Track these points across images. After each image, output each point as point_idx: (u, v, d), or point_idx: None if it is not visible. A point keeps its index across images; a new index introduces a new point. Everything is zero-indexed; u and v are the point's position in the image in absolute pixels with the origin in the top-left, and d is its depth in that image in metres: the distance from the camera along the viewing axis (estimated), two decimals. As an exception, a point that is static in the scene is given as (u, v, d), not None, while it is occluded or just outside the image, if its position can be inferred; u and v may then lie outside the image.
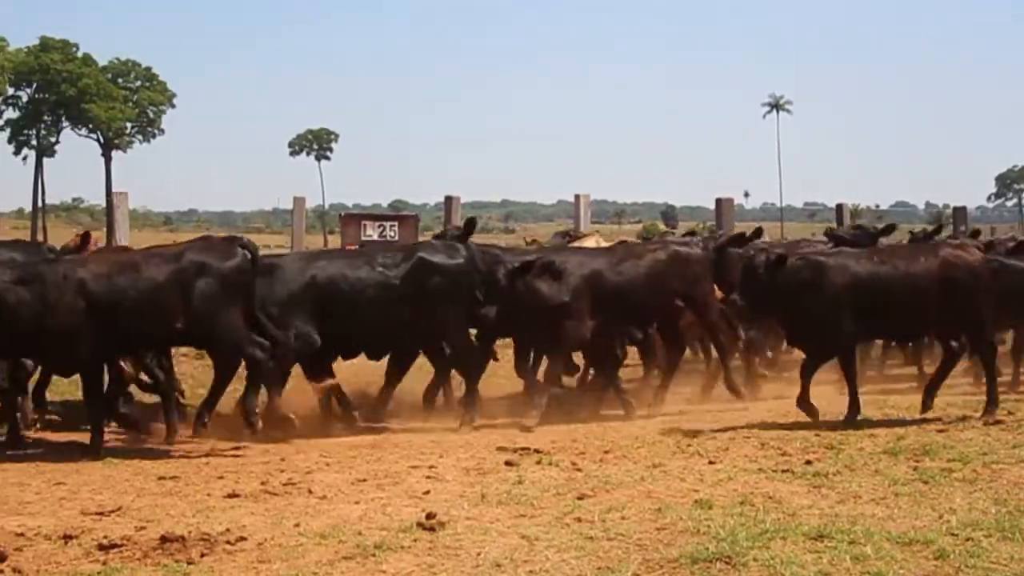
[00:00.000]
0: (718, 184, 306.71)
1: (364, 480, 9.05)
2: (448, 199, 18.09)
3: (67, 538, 7.29)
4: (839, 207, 21.62)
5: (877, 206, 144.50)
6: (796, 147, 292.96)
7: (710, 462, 9.61)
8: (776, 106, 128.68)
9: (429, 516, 7.64)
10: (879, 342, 15.30)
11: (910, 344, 15.07)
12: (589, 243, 14.62)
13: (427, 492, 8.62)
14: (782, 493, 8.38)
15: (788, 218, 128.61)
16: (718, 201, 18.07)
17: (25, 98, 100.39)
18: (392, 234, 16.70)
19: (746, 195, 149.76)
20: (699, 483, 8.81)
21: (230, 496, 8.51)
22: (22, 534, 7.39)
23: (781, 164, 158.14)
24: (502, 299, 11.83)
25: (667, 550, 6.90)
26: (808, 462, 9.43)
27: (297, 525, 7.61)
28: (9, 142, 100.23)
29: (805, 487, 8.61)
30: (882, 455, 9.73)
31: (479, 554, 6.89)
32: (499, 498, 8.32)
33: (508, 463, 9.60)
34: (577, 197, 19.44)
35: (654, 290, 12.52)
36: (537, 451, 10.09)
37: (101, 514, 7.98)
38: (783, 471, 9.16)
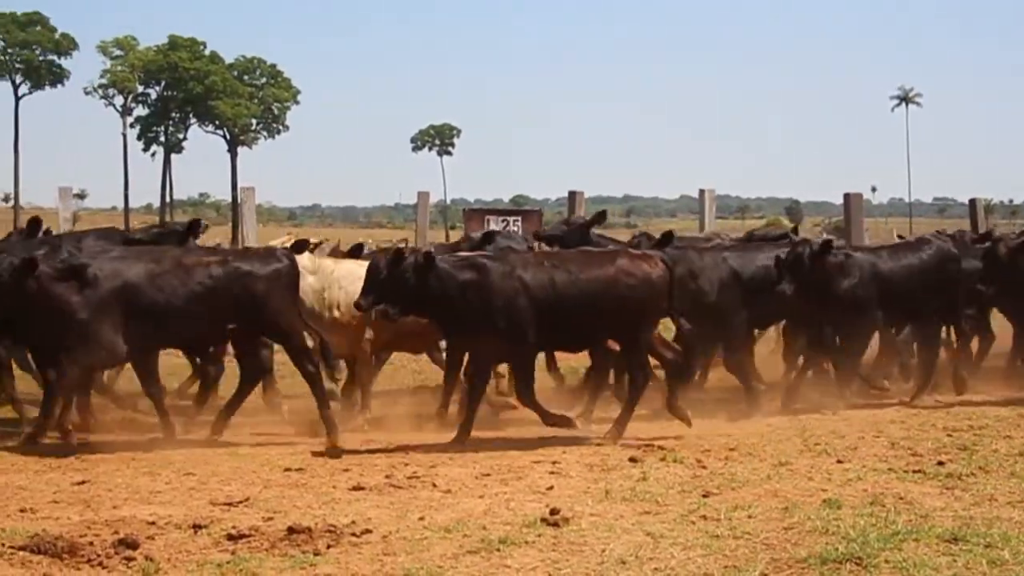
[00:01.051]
0: (844, 179, 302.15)
1: (488, 475, 9.06)
2: (572, 194, 17.99)
3: (197, 527, 7.40)
4: (972, 202, 21.04)
5: (1011, 201, 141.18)
6: (926, 140, 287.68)
7: (838, 461, 9.45)
8: (905, 99, 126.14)
9: (553, 511, 7.62)
10: None
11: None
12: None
13: (551, 487, 8.60)
14: (914, 494, 8.21)
15: (917, 213, 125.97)
16: (846, 196, 17.67)
17: (154, 96, 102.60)
18: (515, 228, 16.67)
19: (873, 190, 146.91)
20: (827, 482, 8.66)
21: (355, 489, 8.57)
22: (153, 523, 7.52)
23: (910, 158, 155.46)
24: None
25: (795, 550, 6.80)
26: (940, 463, 9.23)
27: (422, 518, 7.64)
28: (139, 139, 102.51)
29: (938, 488, 8.43)
30: (1018, 457, 9.49)
31: (603, 551, 6.86)
32: (623, 494, 8.27)
33: (632, 459, 9.53)
34: (702, 192, 19.22)
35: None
36: (661, 448, 10.00)
37: (230, 504, 8.09)
38: (914, 472, 8.98)
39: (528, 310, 10.41)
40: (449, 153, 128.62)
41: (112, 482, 8.76)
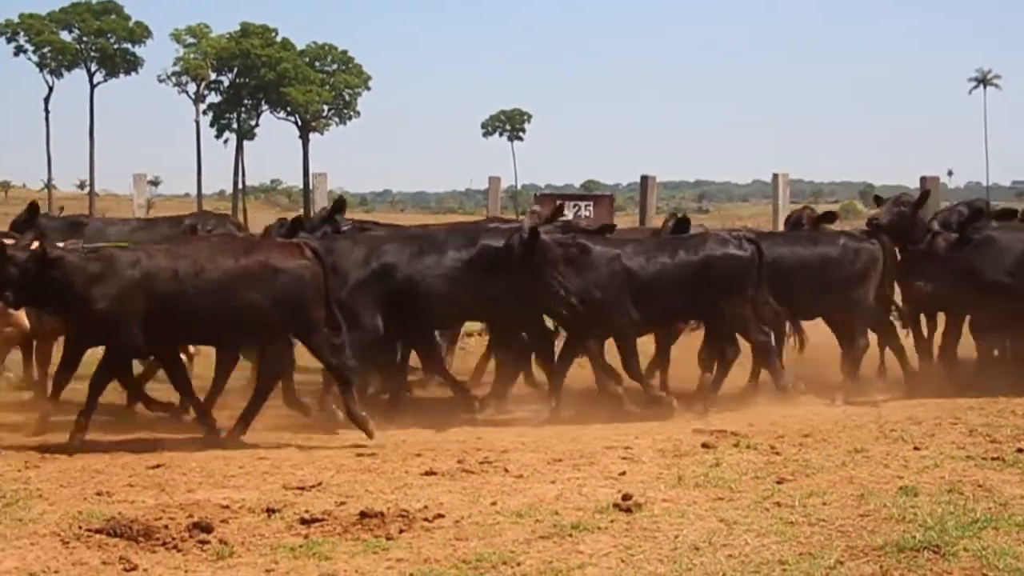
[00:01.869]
0: (920, 162, 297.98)
1: (560, 460, 9.02)
2: (644, 179, 17.92)
3: (270, 511, 7.45)
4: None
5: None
6: (1005, 123, 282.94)
7: (915, 448, 9.32)
8: (983, 81, 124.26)
9: (625, 497, 7.59)
10: None
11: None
12: None
13: (623, 473, 8.55)
14: (993, 482, 8.07)
15: (994, 197, 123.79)
16: (923, 179, 17.44)
17: (226, 83, 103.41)
18: (587, 214, 16.64)
19: (950, 173, 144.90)
20: (904, 469, 8.55)
21: (427, 474, 8.58)
22: (227, 506, 7.57)
23: (988, 141, 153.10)
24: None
25: (871, 537, 6.71)
26: (1020, 450, 9.06)
27: (494, 503, 7.63)
28: (211, 125, 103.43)
29: (1017, 476, 8.29)
30: (1099, 444, 9.31)
31: (676, 536, 6.81)
32: (696, 480, 8.22)
33: (705, 445, 9.47)
34: (775, 176, 19.05)
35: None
36: (734, 434, 9.92)
37: (302, 489, 8.13)
38: (993, 459, 8.83)
39: (140, 304, 9.68)
40: (520, 138, 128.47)
41: (186, 466, 8.84)
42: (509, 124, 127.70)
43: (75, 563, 6.43)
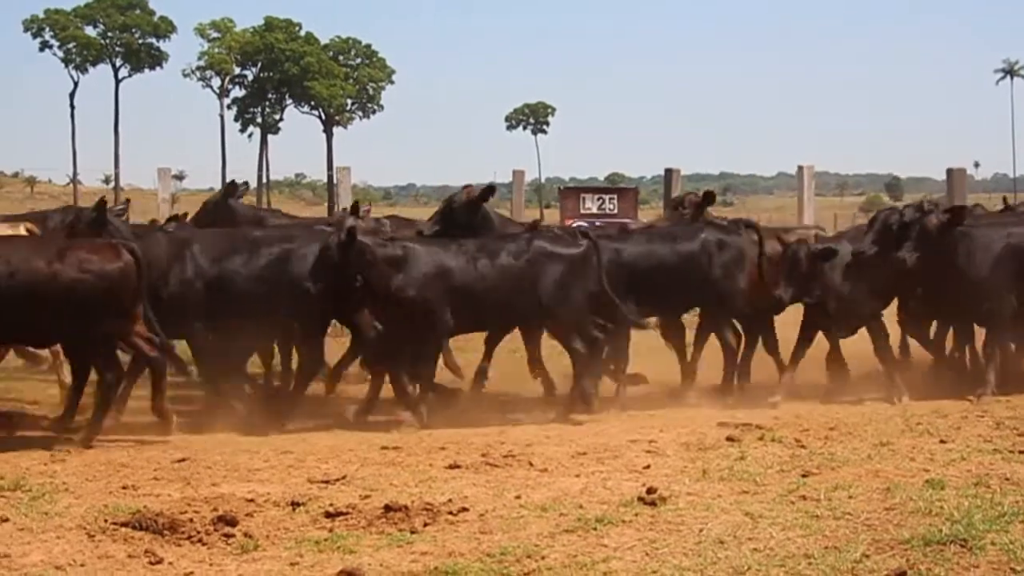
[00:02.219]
0: (946, 154, 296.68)
1: (584, 453, 9.01)
2: (668, 171, 17.86)
3: (295, 505, 7.46)
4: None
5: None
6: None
7: (941, 441, 9.27)
8: (1010, 71, 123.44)
9: (650, 491, 7.57)
10: None
11: None
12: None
13: (647, 467, 8.54)
14: (1020, 475, 8.02)
15: (1021, 189, 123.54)
16: (949, 171, 17.37)
17: (251, 77, 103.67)
18: (611, 207, 16.61)
19: (976, 165, 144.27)
20: (930, 462, 8.51)
21: (452, 467, 8.58)
22: (252, 500, 7.59)
23: (1015, 132, 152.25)
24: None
25: (898, 531, 6.67)
26: (1047, 443, 9.01)
27: (518, 497, 7.62)
28: (236, 120, 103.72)
29: (1045, 469, 8.23)
30: None
31: (701, 530, 6.79)
32: (721, 474, 8.19)
33: (730, 439, 9.44)
34: (800, 168, 18.98)
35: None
36: (759, 427, 9.89)
37: (327, 482, 8.14)
38: (1020, 452, 8.79)
39: None
40: (544, 131, 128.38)
41: (211, 460, 8.86)
42: (533, 117, 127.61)
43: (101, 556, 6.45)
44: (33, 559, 6.36)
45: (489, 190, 11.85)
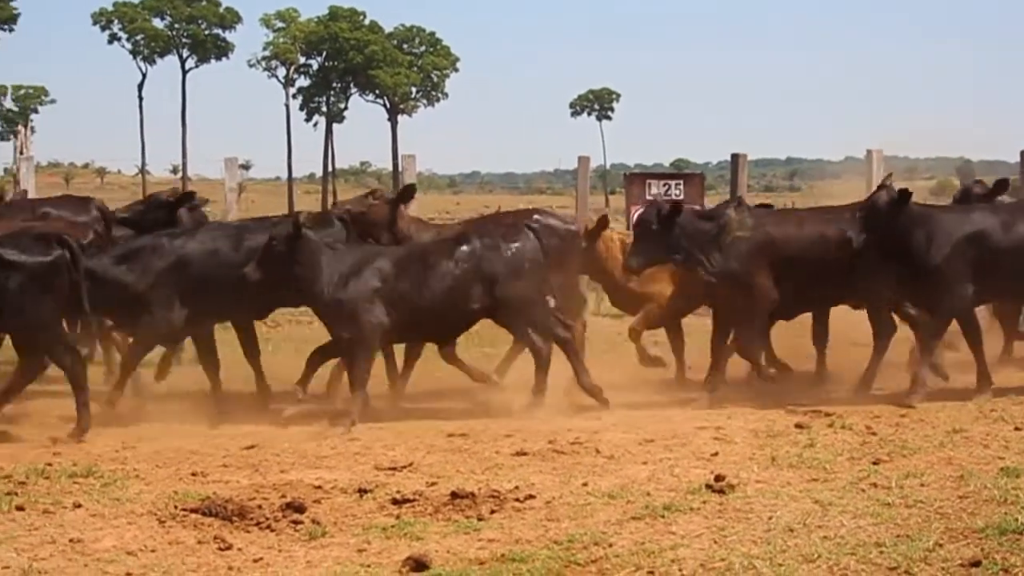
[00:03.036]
0: (1019, 136, 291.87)
1: (651, 440, 8.97)
2: (735, 156, 17.63)
3: (362, 492, 7.48)
4: None
5: None
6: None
7: (1016, 428, 9.14)
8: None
9: (718, 478, 7.52)
10: None
11: None
12: None
13: (715, 454, 8.48)
14: (1096, 463, 7.87)
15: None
16: (1023, 154, 17.06)
17: (315, 66, 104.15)
18: (677, 193, 16.44)
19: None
20: (1004, 450, 8.38)
21: (518, 454, 8.57)
22: (320, 487, 7.63)
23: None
24: None
25: (971, 519, 6.57)
26: (1125, 429, 8.85)
27: (585, 484, 7.60)
28: (301, 109, 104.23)
29: (1123, 456, 8.08)
30: None
31: (770, 518, 6.72)
32: (790, 461, 8.12)
33: (798, 426, 9.35)
34: (869, 152, 18.66)
35: None
36: (828, 414, 9.79)
37: (394, 469, 8.16)
38: (1096, 439, 8.63)
39: None
40: (608, 118, 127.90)
41: (279, 447, 8.91)
42: (597, 103, 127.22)
43: (171, 542, 6.50)
44: (105, 544, 6.43)
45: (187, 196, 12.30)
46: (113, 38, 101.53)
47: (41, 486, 7.65)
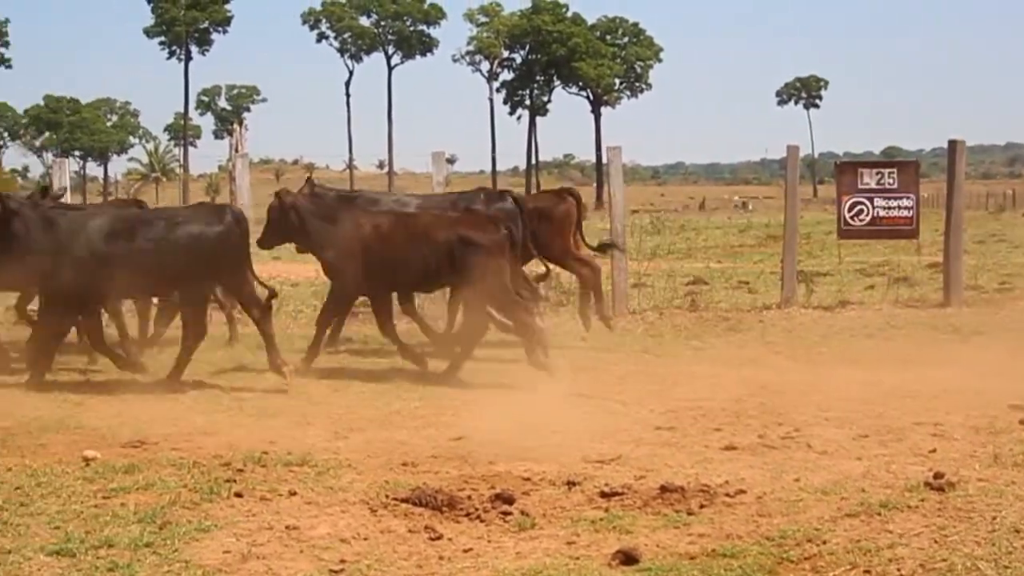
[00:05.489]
0: None
1: (866, 436, 8.72)
2: (952, 143, 17.10)
3: (570, 484, 7.45)
4: None
5: None
6: None
7: None
8: None
9: (937, 476, 7.25)
10: None
11: None
12: None
13: (933, 450, 8.20)
14: None
15: None
16: None
17: (519, 60, 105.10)
18: (891, 182, 16.04)
19: None
20: None
21: (728, 448, 8.44)
22: (528, 479, 7.63)
23: None
24: None
25: None
26: None
27: (797, 480, 7.43)
28: (504, 103, 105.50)
29: None
30: None
31: (994, 518, 6.44)
32: (1014, 459, 7.79)
33: (1023, 422, 8.97)
34: (1094, 136, 17.91)
35: None
36: (1055, 409, 9.37)
37: (602, 462, 8.11)
38: None
39: None
40: (816, 106, 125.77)
41: (487, 438, 8.94)
42: (805, 91, 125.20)
43: (383, 531, 6.59)
44: (320, 532, 6.55)
45: None
46: (321, 37, 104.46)
47: (258, 474, 7.85)
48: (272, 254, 14.32)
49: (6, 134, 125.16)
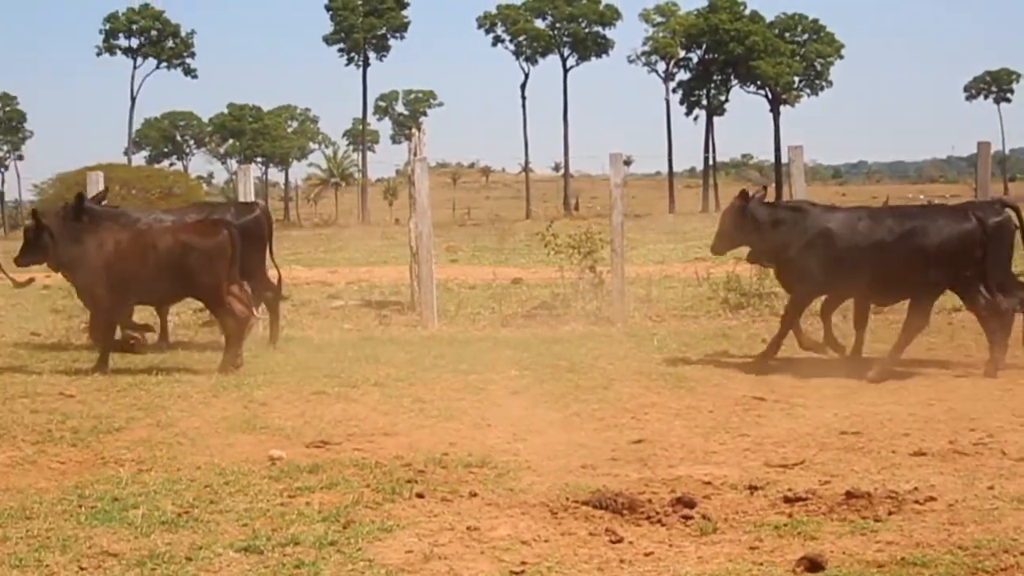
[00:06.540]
0: None
1: (1065, 443, 8.40)
2: None
3: (752, 489, 7.34)
4: None
5: None
6: None
7: None
8: None
9: None
10: None
11: None
12: None
13: None
14: None
15: None
16: None
17: (695, 59, 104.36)
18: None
19: None
20: None
21: (916, 454, 8.20)
22: (709, 483, 7.53)
23: None
24: None
25: None
26: None
27: (991, 487, 7.18)
28: (681, 103, 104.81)
29: None
30: None
31: None
32: None
33: None
34: None
35: None
36: None
37: (785, 467, 7.96)
38: None
39: None
40: (1007, 100, 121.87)
41: (667, 441, 8.87)
42: (995, 85, 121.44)
43: (563, 533, 6.57)
44: (500, 533, 6.56)
45: None
46: (497, 40, 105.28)
47: (439, 475, 7.91)
48: (451, 256, 14.47)
49: (192, 142, 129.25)
